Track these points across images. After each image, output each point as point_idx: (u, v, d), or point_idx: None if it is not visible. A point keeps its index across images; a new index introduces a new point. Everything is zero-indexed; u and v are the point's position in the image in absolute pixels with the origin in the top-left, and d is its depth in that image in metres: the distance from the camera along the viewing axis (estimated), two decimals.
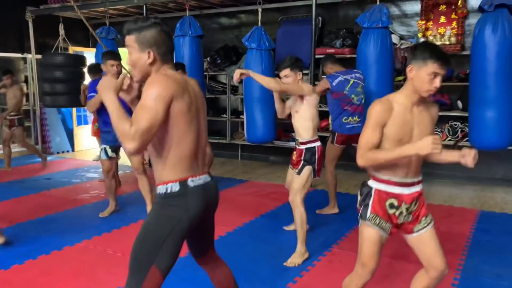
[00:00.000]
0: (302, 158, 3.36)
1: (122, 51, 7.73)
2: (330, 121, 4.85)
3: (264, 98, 5.62)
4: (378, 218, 2.03)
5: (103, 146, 4.24)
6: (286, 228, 3.95)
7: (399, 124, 1.95)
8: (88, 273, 3.06)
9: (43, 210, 4.48)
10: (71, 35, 7.68)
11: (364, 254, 2.09)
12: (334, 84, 4.14)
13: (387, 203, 2.03)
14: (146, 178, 4.15)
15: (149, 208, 4.15)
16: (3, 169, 6.41)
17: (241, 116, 6.77)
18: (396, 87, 5.74)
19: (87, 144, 8.50)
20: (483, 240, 3.69)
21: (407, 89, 1.99)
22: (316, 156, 3.34)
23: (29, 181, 5.88)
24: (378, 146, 1.98)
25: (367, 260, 2.08)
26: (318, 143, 3.38)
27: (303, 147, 3.39)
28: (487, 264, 3.20)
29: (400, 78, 5.82)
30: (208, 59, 7.16)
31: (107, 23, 7.04)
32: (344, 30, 6.23)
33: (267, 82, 3.21)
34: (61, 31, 7.37)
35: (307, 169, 3.34)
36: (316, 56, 5.66)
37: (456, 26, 5.71)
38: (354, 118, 4.21)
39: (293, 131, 6.70)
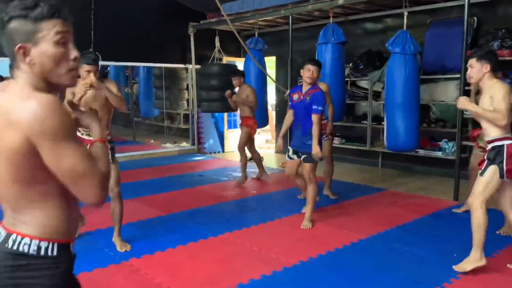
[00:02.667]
0: (485, 157, 3.15)
1: (268, 60, 8.23)
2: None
3: (406, 103, 5.44)
4: None
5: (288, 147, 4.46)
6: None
7: None
8: (227, 262, 3.39)
9: (194, 202, 5.05)
10: (225, 46, 8.48)
11: None
12: None
13: None
14: (315, 186, 4.22)
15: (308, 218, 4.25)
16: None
17: (382, 122, 6.61)
18: None
19: (235, 146, 9.19)
20: None
21: None
22: (504, 156, 3.04)
23: (186, 176, 6.66)
24: None
25: None
26: (508, 141, 3.06)
27: (489, 146, 3.15)
28: None
29: None
30: (351, 64, 7.16)
31: (256, 34, 7.56)
32: (503, 30, 5.63)
33: (490, 116, 3.05)
34: (217, 43, 8.21)
35: (491, 169, 3.07)
36: None
37: None
38: None
39: (440, 140, 6.30)
